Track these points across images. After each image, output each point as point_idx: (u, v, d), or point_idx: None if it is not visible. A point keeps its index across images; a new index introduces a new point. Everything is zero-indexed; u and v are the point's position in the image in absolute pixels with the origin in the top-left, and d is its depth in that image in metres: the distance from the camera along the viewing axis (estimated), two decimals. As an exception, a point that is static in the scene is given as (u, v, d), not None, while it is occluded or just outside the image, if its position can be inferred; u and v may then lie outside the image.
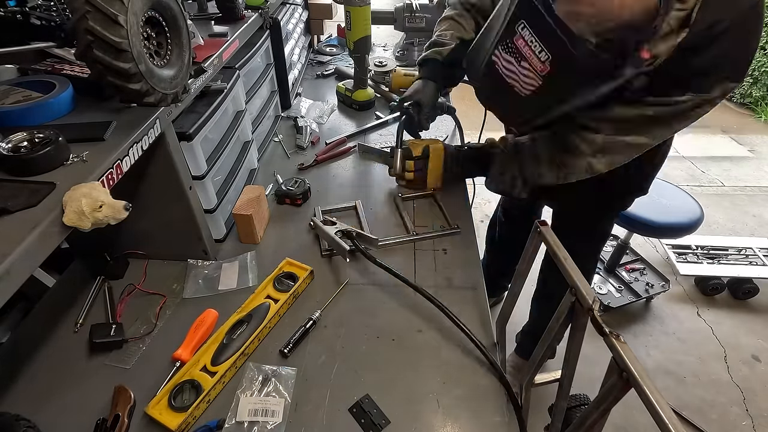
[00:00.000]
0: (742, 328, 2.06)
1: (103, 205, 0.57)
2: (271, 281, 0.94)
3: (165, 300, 0.92)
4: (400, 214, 1.15)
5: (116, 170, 0.65)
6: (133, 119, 0.72)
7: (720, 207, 2.80)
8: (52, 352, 0.84)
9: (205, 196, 0.97)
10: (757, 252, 2.23)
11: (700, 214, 1.88)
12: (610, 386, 0.51)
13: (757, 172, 3.19)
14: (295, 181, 1.20)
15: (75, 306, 0.91)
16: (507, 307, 0.87)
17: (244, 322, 0.85)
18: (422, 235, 1.08)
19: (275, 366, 0.80)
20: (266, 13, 1.31)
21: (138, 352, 0.83)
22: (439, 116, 1.32)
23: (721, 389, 1.81)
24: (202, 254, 1.00)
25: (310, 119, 1.53)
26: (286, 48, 1.51)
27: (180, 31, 0.75)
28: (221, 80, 1.04)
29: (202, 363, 0.79)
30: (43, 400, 0.76)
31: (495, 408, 0.76)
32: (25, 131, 0.62)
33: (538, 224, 0.68)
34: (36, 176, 0.59)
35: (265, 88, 1.41)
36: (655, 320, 2.08)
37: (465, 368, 0.82)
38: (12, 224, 0.52)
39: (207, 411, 0.75)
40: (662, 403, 0.43)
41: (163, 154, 0.82)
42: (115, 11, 0.58)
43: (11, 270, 0.48)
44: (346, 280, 0.97)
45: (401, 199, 1.20)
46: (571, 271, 0.59)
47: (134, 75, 0.64)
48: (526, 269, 0.77)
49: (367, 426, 0.72)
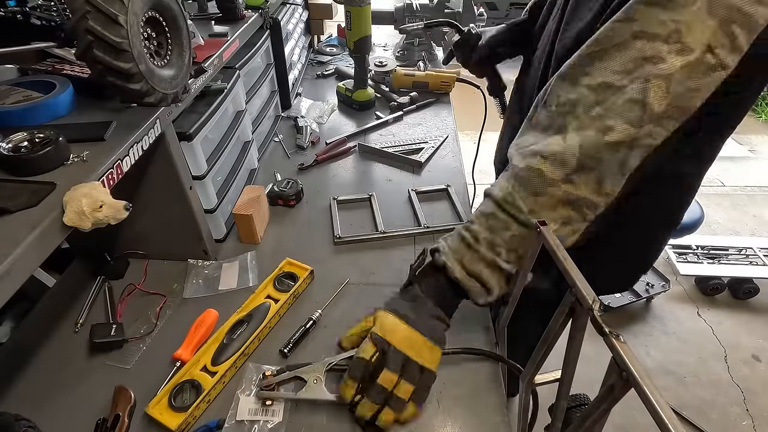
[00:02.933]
0: (742, 328, 2.06)
1: (104, 205, 0.57)
2: (272, 281, 0.94)
3: (165, 300, 0.92)
4: (413, 207, 1.16)
5: (116, 170, 0.65)
6: (133, 119, 0.72)
7: (720, 207, 2.81)
8: (52, 352, 0.84)
9: (205, 196, 0.97)
10: (758, 252, 2.23)
11: (700, 214, 1.88)
12: (610, 386, 0.51)
13: (757, 172, 3.19)
14: (287, 182, 1.20)
15: (75, 306, 0.91)
16: (507, 307, 0.87)
17: (245, 322, 0.85)
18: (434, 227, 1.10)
19: (275, 366, 0.80)
20: (266, 13, 1.31)
21: (138, 352, 0.83)
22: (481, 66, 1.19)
23: (721, 389, 1.81)
24: (203, 254, 1.00)
25: (310, 119, 1.53)
26: (287, 48, 1.51)
27: (180, 31, 0.75)
28: (221, 80, 1.04)
29: (203, 363, 0.79)
30: (43, 400, 0.76)
31: (495, 408, 0.76)
32: (25, 131, 0.62)
33: (538, 224, 0.68)
34: (36, 176, 0.59)
35: (265, 88, 1.41)
36: (655, 320, 2.08)
37: (465, 368, 0.81)
38: (12, 224, 0.52)
39: (207, 411, 0.75)
40: (662, 403, 0.43)
41: (163, 154, 0.82)
42: (115, 11, 0.58)
43: (11, 270, 0.48)
44: (346, 280, 0.97)
45: (416, 193, 1.21)
46: (571, 270, 0.59)
47: (134, 75, 0.64)
48: (527, 269, 0.77)
49: (367, 426, 0.72)
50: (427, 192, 1.23)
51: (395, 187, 1.26)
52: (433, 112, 1.64)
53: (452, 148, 1.43)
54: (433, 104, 1.67)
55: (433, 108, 1.66)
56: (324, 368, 0.77)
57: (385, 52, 2.09)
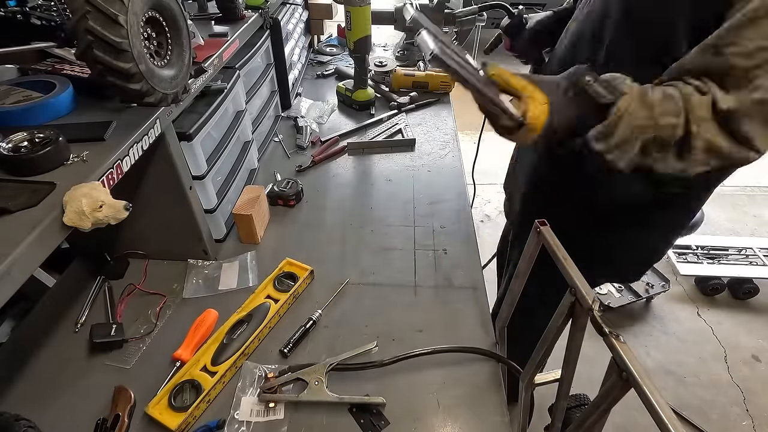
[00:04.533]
0: (742, 328, 2.06)
1: (104, 205, 0.57)
2: (272, 281, 0.94)
3: (165, 300, 0.92)
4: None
5: (116, 170, 0.65)
6: (133, 119, 0.72)
7: (720, 207, 2.80)
8: (52, 352, 0.84)
9: (205, 196, 0.97)
10: (758, 252, 2.23)
11: (700, 215, 1.88)
12: (610, 386, 0.51)
13: (757, 172, 3.19)
14: (287, 182, 1.20)
15: (75, 306, 0.91)
16: (507, 308, 0.87)
17: (244, 322, 0.85)
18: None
19: (276, 366, 0.80)
20: (266, 13, 1.31)
21: (138, 352, 0.83)
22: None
23: (721, 389, 1.81)
24: (202, 254, 1.00)
25: (310, 119, 1.53)
26: (286, 48, 1.51)
27: (180, 31, 0.75)
28: (221, 80, 1.04)
29: (203, 363, 0.79)
30: (43, 400, 0.76)
31: (495, 408, 0.76)
32: (26, 131, 0.62)
33: (538, 224, 0.68)
34: (36, 176, 0.59)
35: (265, 88, 1.41)
36: (655, 320, 2.08)
37: (465, 368, 0.81)
38: (12, 224, 0.52)
39: (207, 411, 0.75)
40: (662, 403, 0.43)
41: (163, 154, 0.82)
42: (115, 11, 0.58)
43: (11, 270, 0.48)
44: (346, 280, 0.97)
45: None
46: (571, 271, 0.59)
47: (134, 75, 0.64)
48: (526, 269, 0.77)
49: (367, 426, 0.72)
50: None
51: (395, 187, 1.26)
52: (433, 112, 1.64)
53: (452, 148, 1.43)
54: (433, 104, 1.67)
55: (433, 108, 1.66)
56: (325, 369, 0.77)
57: (385, 52, 2.09)
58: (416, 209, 1.18)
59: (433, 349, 0.81)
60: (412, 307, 0.92)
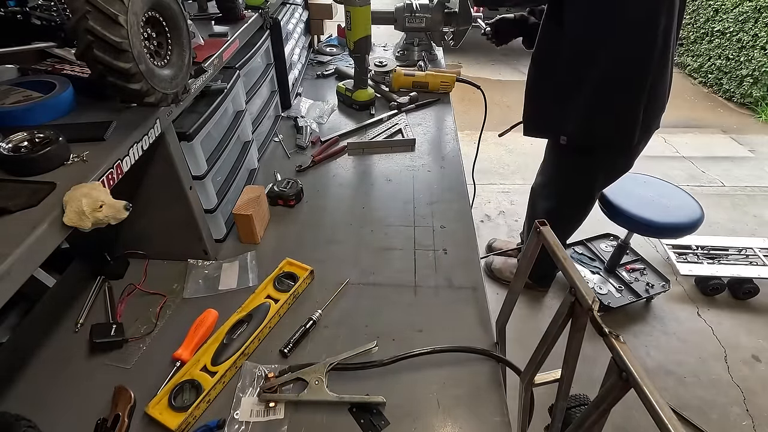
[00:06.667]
0: (742, 328, 2.06)
1: (104, 205, 0.57)
2: (272, 281, 0.94)
3: (165, 300, 0.92)
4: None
5: (116, 170, 0.65)
6: (134, 119, 0.72)
7: (720, 207, 2.80)
8: (52, 352, 0.84)
9: (205, 196, 0.97)
10: (758, 252, 2.23)
11: (700, 215, 1.88)
12: (609, 386, 0.51)
13: (757, 172, 3.19)
14: (287, 182, 1.20)
15: (75, 306, 0.91)
16: (507, 307, 0.87)
17: (244, 322, 0.85)
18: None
19: (276, 366, 0.80)
20: (266, 13, 1.31)
21: (138, 352, 0.83)
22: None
23: (721, 389, 1.81)
24: (203, 254, 1.00)
25: (310, 119, 1.53)
26: (286, 48, 1.51)
27: (180, 31, 0.75)
28: (221, 80, 1.04)
29: (203, 363, 0.79)
30: (43, 400, 0.76)
31: (495, 408, 0.76)
32: (26, 131, 0.62)
33: (538, 224, 0.68)
34: (36, 176, 0.59)
35: (265, 88, 1.41)
36: (655, 320, 2.08)
37: (465, 368, 0.81)
38: (12, 224, 0.52)
39: (207, 411, 0.75)
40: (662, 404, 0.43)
41: (163, 154, 0.82)
42: (115, 11, 0.58)
43: (11, 270, 0.48)
44: (347, 280, 0.97)
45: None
46: (571, 271, 0.59)
47: (134, 75, 0.64)
48: (527, 268, 0.77)
49: (367, 426, 0.72)
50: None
51: (395, 187, 1.26)
52: (433, 112, 1.64)
53: (452, 148, 1.43)
54: (433, 104, 1.67)
55: (433, 108, 1.66)
56: (325, 369, 0.77)
57: (385, 52, 2.09)
58: (416, 209, 1.18)
59: (433, 349, 0.81)
60: (411, 307, 0.92)
